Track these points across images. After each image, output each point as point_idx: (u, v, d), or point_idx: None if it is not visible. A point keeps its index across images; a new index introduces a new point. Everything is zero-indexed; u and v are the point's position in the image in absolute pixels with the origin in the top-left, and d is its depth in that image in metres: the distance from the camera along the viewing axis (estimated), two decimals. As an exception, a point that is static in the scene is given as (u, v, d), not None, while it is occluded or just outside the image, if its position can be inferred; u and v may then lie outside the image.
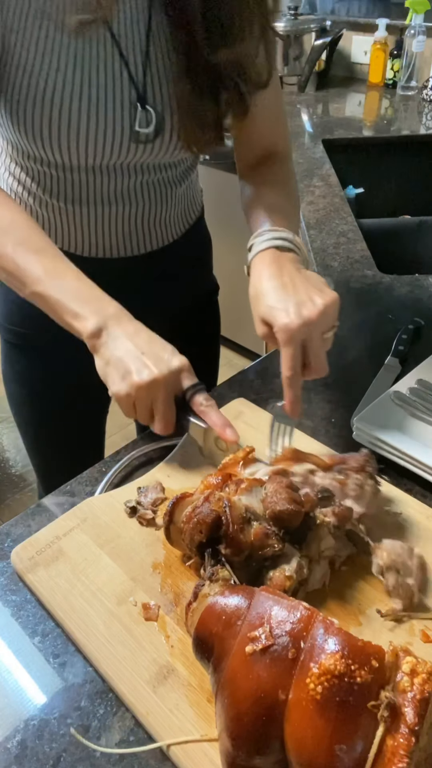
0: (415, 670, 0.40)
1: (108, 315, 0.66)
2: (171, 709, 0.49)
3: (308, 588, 0.57)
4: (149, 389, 0.63)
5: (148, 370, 0.63)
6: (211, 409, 0.67)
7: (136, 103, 0.74)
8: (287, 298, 0.64)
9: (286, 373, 0.63)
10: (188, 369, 0.67)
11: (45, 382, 1.00)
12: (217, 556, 0.53)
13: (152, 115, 0.75)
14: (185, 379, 0.67)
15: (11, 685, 0.53)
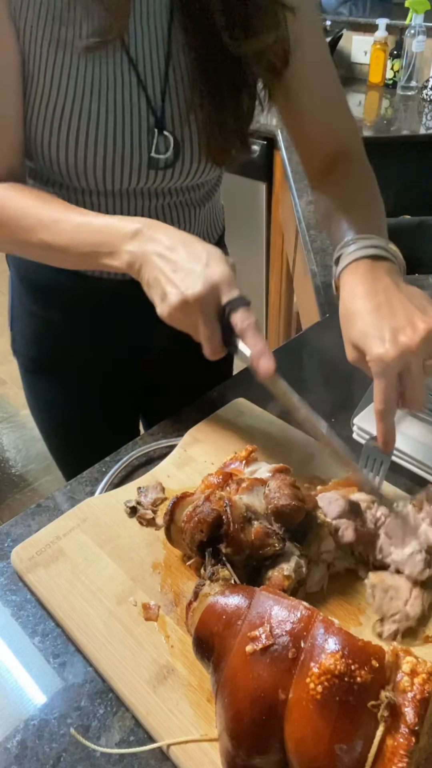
0: (415, 670, 0.40)
1: (133, 236, 0.61)
2: (171, 709, 0.49)
3: (306, 589, 0.57)
4: (183, 311, 0.58)
5: (177, 290, 0.58)
6: (248, 331, 0.58)
7: (154, 129, 0.72)
8: (383, 323, 0.57)
9: (379, 406, 0.57)
10: (226, 281, 0.59)
11: (69, 405, 0.99)
12: (218, 556, 0.53)
13: (170, 141, 0.73)
14: (223, 294, 0.59)
15: (11, 685, 0.53)
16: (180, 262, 0.59)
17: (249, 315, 0.59)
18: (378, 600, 0.55)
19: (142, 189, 0.78)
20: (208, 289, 0.58)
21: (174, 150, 0.74)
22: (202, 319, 0.59)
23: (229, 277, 0.59)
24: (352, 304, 0.60)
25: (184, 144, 0.75)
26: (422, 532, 0.58)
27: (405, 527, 0.59)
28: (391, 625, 0.54)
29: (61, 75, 0.67)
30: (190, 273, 0.58)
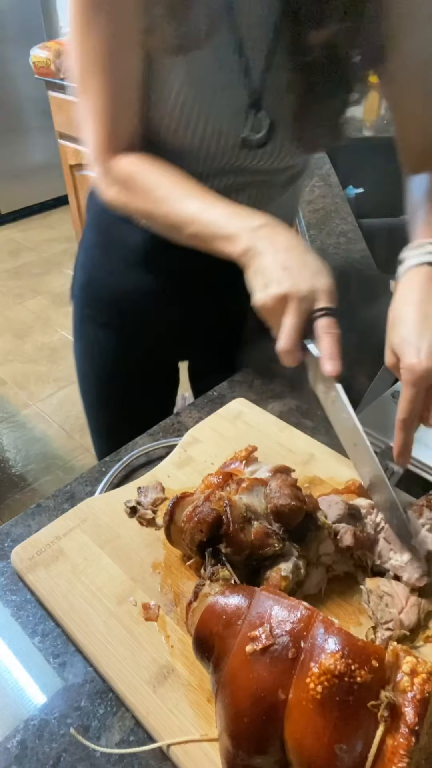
0: (415, 670, 0.40)
1: (257, 230, 0.64)
2: (171, 709, 0.49)
3: (304, 591, 0.57)
4: (282, 302, 0.60)
5: (285, 284, 0.60)
6: (327, 336, 0.60)
7: (251, 109, 0.74)
8: (423, 334, 0.58)
9: (401, 415, 0.58)
10: (328, 292, 0.61)
11: (115, 357, 1.01)
12: (218, 556, 0.53)
13: (265, 122, 0.75)
14: (320, 301, 0.61)
15: (11, 685, 0.53)
16: (293, 261, 0.61)
17: (335, 325, 0.61)
18: (373, 606, 0.55)
19: (235, 166, 0.80)
20: (310, 294, 0.60)
21: (267, 131, 0.76)
22: (292, 313, 0.60)
23: (331, 290, 0.62)
24: (401, 309, 0.62)
25: (278, 126, 0.76)
26: (421, 539, 0.58)
27: None
28: (384, 632, 0.53)
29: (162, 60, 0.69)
30: (300, 273, 0.61)
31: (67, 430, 2.30)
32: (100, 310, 0.98)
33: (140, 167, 0.73)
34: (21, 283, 3.29)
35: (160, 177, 0.72)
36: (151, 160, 0.74)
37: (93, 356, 1.03)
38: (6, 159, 3.69)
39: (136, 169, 0.73)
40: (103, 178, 0.76)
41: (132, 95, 0.72)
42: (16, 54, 3.40)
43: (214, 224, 0.66)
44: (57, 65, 2.50)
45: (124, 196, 0.75)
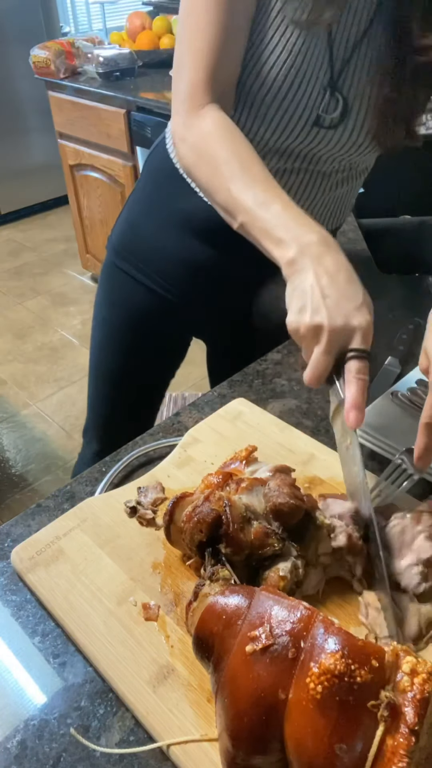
0: (415, 670, 0.40)
1: (309, 245, 0.61)
2: (171, 709, 0.49)
3: (303, 591, 0.57)
4: (314, 334, 0.59)
5: (321, 315, 0.58)
6: (355, 382, 0.59)
7: (327, 87, 0.75)
8: None
9: (425, 420, 0.57)
10: (365, 331, 0.60)
11: (136, 311, 1.01)
12: (218, 556, 0.53)
13: (339, 102, 0.76)
14: (354, 341, 0.60)
15: (11, 685, 0.53)
16: (335, 290, 0.59)
17: (365, 371, 0.59)
18: (371, 619, 0.54)
19: (302, 148, 0.80)
20: (345, 330, 0.59)
21: (341, 113, 0.77)
22: (323, 348, 0.59)
23: (369, 329, 0.60)
24: None
25: (353, 111, 0.77)
26: (417, 548, 0.57)
27: (402, 539, 0.58)
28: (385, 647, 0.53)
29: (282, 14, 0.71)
30: (338, 306, 0.59)
31: (67, 430, 2.30)
32: (134, 264, 0.98)
33: (218, 134, 0.72)
34: (21, 283, 3.29)
35: (232, 153, 0.70)
36: (231, 130, 0.72)
37: (115, 306, 1.04)
38: (6, 159, 3.69)
39: (214, 135, 0.72)
40: (183, 128, 0.75)
41: (240, 38, 0.73)
42: (16, 54, 3.40)
43: (268, 223, 0.64)
44: (57, 65, 2.50)
45: (192, 157, 0.74)
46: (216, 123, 0.72)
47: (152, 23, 2.69)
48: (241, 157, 0.70)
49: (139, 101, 2.24)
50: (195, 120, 0.73)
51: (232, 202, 0.68)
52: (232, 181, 0.68)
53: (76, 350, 2.75)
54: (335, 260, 0.61)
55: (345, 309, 0.59)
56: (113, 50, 2.48)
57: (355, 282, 0.61)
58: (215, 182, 0.70)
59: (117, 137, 2.40)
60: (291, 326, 0.61)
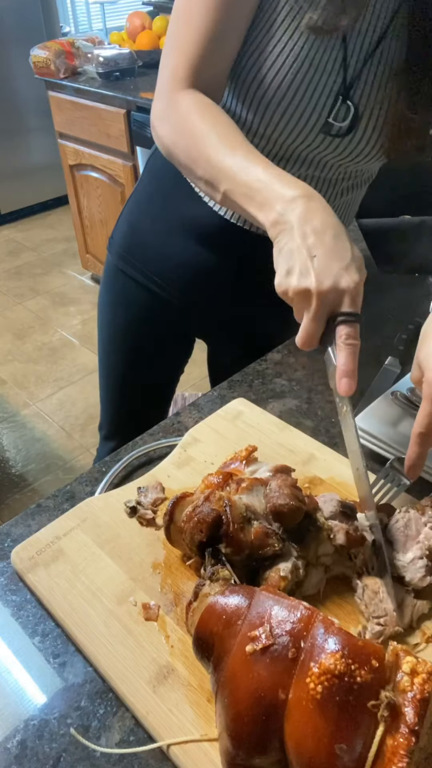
0: (415, 670, 0.40)
1: (293, 202, 0.59)
2: (171, 709, 0.49)
3: (303, 591, 0.57)
4: (303, 297, 0.57)
5: (308, 278, 0.56)
6: (347, 348, 0.58)
7: (339, 95, 0.74)
8: None
9: (417, 429, 0.57)
10: (353, 293, 0.58)
11: (140, 314, 1.02)
12: (218, 556, 0.53)
13: (350, 110, 0.75)
14: (344, 303, 0.58)
15: (11, 685, 0.53)
16: (322, 250, 0.57)
17: (356, 335, 0.58)
18: (367, 599, 0.55)
19: (309, 155, 0.80)
20: (334, 292, 0.57)
21: (351, 122, 0.76)
22: (313, 313, 0.58)
23: (358, 290, 0.58)
24: (430, 325, 0.61)
25: (363, 119, 0.76)
26: (423, 538, 0.58)
27: (407, 532, 0.58)
28: (375, 626, 0.53)
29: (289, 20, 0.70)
30: (326, 267, 0.57)
31: (67, 430, 2.30)
32: (136, 267, 0.98)
33: (197, 109, 0.71)
34: (21, 283, 3.29)
35: (210, 126, 0.69)
36: (210, 105, 0.72)
37: (119, 308, 1.04)
38: (6, 159, 3.69)
39: (192, 111, 0.71)
40: (161, 111, 0.74)
41: (232, 37, 0.72)
42: (16, 54, 3.40)
43: (249, 186, 0.63)
44: (57, 65, 2.50)
45: (172, 136, 0.73)
46: (194, 101, 0.72)
47: (152, 23, 2.69)
48: (219, 128, 0.69)
49: (139, 101, 2.24)
50: (174, 102, 0.72)
51: (213, 172, 0.67)
52: (212, 152, 0.67)
53: (76, 350, 2.75)
54: (322, 217, 0.59)
55: (333, 270, 0.57)
56: (113, 50, 2.48)
57: (342, 239, 0.59)
58: (194, 155, 0.70)
59: (117, 137, 2.40)
60: (279, 289, 0.59)
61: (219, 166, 0.66)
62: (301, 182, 0.62)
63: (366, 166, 0.85)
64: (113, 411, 1.15)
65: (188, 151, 0.70)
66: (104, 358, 1.11)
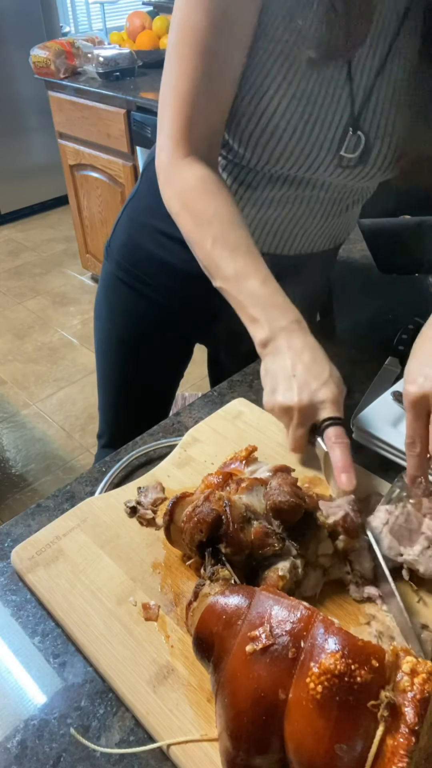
0: (415, 670, 0.40)
1: (280, 327, 0.67)
2: (171, 709, 0.49)
3: (302, 592, 0.56)
4: (286, 412, 0.65)
5: (290, 394, 0.64)
6: (338, 447, 0.63)
7: (349, 128, 0.74)
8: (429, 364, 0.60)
9: (407, 440, 0.61)
10: (333, 401, 0.65)
11: (138, 322, 1.02)
12: (218, 556, 0.53)
13: (361, 141, 0.75)
14: (325, 410, 0.65)
15: (11, 685, 0.53)
16: (302, 370, 0.65)
17: (343, 434, 0.64)
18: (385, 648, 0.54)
19: (317, 180, 0.80)
20: (313, 405, 0.65)
21: (363, 150, 0.76)
22: (296, 423, 0.65)
23: (337, 399, 0.65)
24: (420, 343, 0.65)
25: (375, 146, 0.76)
26: (426, 527, 0.58)
27: (409, 527, 0.58)
28: None
29: (284, 78, 0.70)
30: (305, 385, 0.64)
31: (67, 430, 2.30)
32: (133, 275, 0.98)
33: (202, 189, 0.72)
34: (21, 283, 3.29)
35: (214, 213, 0.72)
36: (215, 187, 0.73)
37: (117, 316, 1.04)
38: (6, 159, 3.69)
39: (198, 190, 0.73)
40: (169, 173, 0.75)
41: (224, 87, 0.71)
42: (16, 54, 3.40)
43: (244, 298, 0.68)
44: (57, 65, 2.50)
45: (177, 206, 0.75)
46: (200, 177, 0.73)
47: (152, 23, 2.69)
48: (223, 220, 0.71)
49: (139, 101, 2.24)
50: (179, 170, 0.74)
51: (212, 265, 0.71)
52: (213, 245, 0.70)
53: (76, 350, 2.75)
54: (303, 342, 0.66)
55: (311, 387, 0.64)
56: (113, 50, 2.48)
57: (320, 360, 0.66)
58: (196, 238, 0.72)
59: (117, 137, 2.40)
60: (266, 406, 0.68)
61: (217, 264, 0.70)
62: (290, 307, 0.68)
63: (376, 183, 0.85)
64: (112, 419, 1.15)
65: (190, 232, 0.73)
66: (103, 367, 1.11)
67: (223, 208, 0.72)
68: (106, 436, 1.17)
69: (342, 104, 0.72)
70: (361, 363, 0.91)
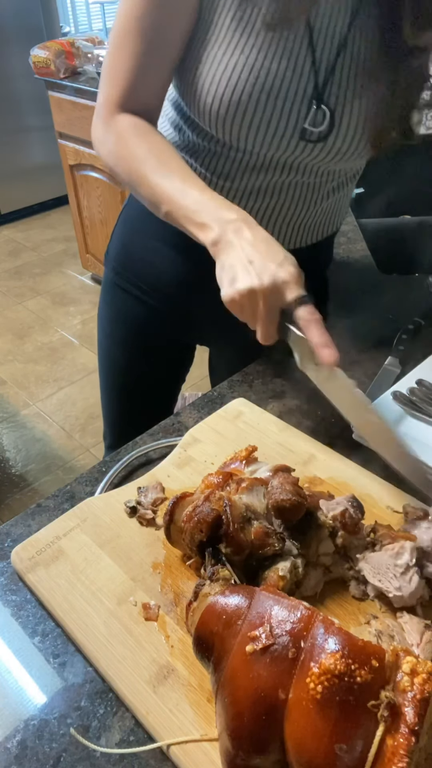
0: (415, 670, 0.40)
1: (228, 222, 0.66)
2: (171, 709, 0.49)
3: (302, 593, 0.57)
4: (250, 298, 0.63)
5: (250, 278, 0.63)
6: (312, 324, 0.63)
7: (312, 101, 0.74)
8: None
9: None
10: (294, 280, 0.64)
11: (139, 327, 1.03)
12: (218, 556, 0.53)
13: (326, 114, 0.75)
14: (290, 291, 0.63)
15: (11, 685, 0.53)
16: (258, 256, 0.64)
17: (314, 311, 0.63)
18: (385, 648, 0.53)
19: (289, 161, 0.80)
20: (276, 286, 0.63)
21: (329, 125, 0.75)
22: (263, 308, 0.64)
23: (298, 277, 0.64)
24: None
25: (341, 121, 0.76)
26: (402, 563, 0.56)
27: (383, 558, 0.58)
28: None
29: (237, 30, 0.70)
30: (264, 267, 0.63)
31: (67, 430, 2.30)
32: (131, 281, 0.99)
33: (135, 133, 0.74)
34: (21, 283, 3.29)
35: (148, 149, 0.73)
36: (147, 129, 0.75)
37: (118, 322, 1.05)
38: (6, 159, 3.69)
39: (131, 134, 0.74)
40: (101, 132, 0.78)
41: (164, 65, 0.73)
42: (16, 54, 3.40)
43: (188, 209, 0.68)
44: (57, 65, 2.50)
45: (113, 158, 0.77)
46: (130, 124, 0.75)
47: (152, 23, 2.68)
48: (156, 152, 0.73)
49: (139, 101, 2.24)
50: (111, 126, 0.76)
51: (154, 196, 0.72)
52: (151, 174, 0.72)
53: (76, 350, 2.75)
54: (254, 233, 0.65)
55: (270, 268, 0.63)
56: (113, 50, 2.48)
57: (273, 244, 0.65)
58: (135, 178, 0.74)
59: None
60: (227, 299, 0.65)
61: (158, 190, 0.71)
62: (234, 206, 0.68)
63: (349, 165, 0.84)
64: (116, 422, 1.15)
65: (129, 174, 0.75)
66: (105, 372, 1.11)
67: (155, 144, 0.74)
68: (110, 438, 1.18)
69: (305, 77, 0.72)
70: (361, 363, 0.91)
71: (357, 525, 0.58)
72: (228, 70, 0.71)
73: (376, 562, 0.56)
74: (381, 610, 0.56)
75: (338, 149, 0.78)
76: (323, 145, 0.77)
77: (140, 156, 0.73)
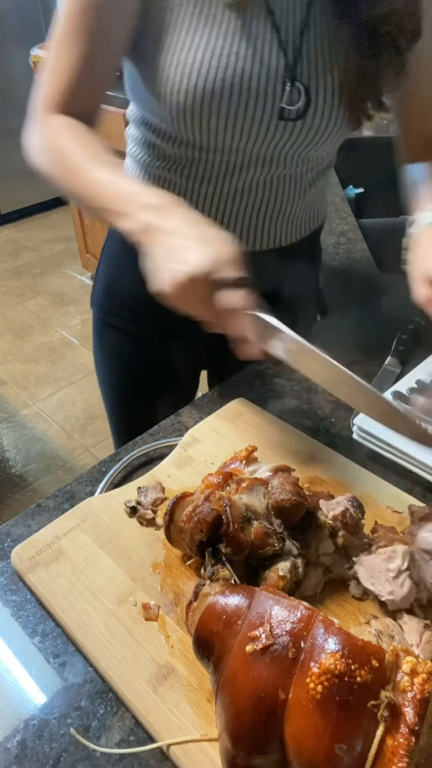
0: (415, 670, 0.40)
1: (154, 208, 0.63)
2: (171, 709, 0.49)
3: (302, 593, 0.57)
4: (178, 292, 0.59)
5: (170, 273, 0.59)
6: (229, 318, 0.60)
7: (286, 80, 0.73)
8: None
9: None
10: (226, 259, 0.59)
11: (136, 364, 1.02)
12: (218, 556, 0.53)
13: (301, 91, 0.74)
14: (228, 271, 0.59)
15: (11, 685, 0.53)
16: (182, 240, 0.60)
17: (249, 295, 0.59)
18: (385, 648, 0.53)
19: (268, 151, 0.78)
20: (202, 274, 0.58)
21: (305, 101, 0.74)
22: (195, 299, 0.59)
23: (231, 256, 0.59)
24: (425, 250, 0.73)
25: (317, 96, 0.75)
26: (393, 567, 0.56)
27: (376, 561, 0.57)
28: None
29: (198, 23, 0.69)
30: (187, 250, 0.59)
31: (67, 430, 2.30)
32: (122, 317, 0.98)
33: (67, 131, 0.74)
34: (21, 283, 3.29)
35: (80, 146, 0.72)
36: (80, 128, 0.74)
37: (114, 363, 1.04)
38: (6, 159, 3.69)
39: (63, 131, 0.74)
40: (35, 133, 0.77)
41: (105, 66, 0.73)
42: (16, 54, 3.40)
43: (111, 200, 0.67)
44: (57, 65, 2.50)
45: (45, 153, 0.76)
46: (64, 123, 0.74)
47: (152, 23, 2.68)
48: (86, 149, 0.72)
49: (139, 101, 2.24)
50: (44, 124, 0.76)
51: (83, 189, 0.71)
52: (82, 171, 0.71)
53: (76, 350, 2.76)
54: (181, 214, 0.62)
55: (194, 250, 0.59)
56: (113, 50, 2.48)
57: (203, 225, 0.62)
58: (66, 175, 0.73)
59: (117, 137, 2.39)
60: (158, 289, 0.61)
61: (88, 184, 0.70)
62: (158, 192, 0.65)
63: (326, 148, 0.83)
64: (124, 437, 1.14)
65: (61, 171, 0.73)
66: (109, 407, 1.11)
67: (87, 142, 0.73)
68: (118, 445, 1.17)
69: (274, 58, 0.72)
70: (361, 363, 0.91)
71: (357, 525, 0.58)
72: (197, 61, 0.69)
73: (370, 566, 0.56)
74: (381, 610, 0.56)
75: (317, 127, 0.77)
76: (303, 123, 0.76)
77: (71, 151, 0.72)
